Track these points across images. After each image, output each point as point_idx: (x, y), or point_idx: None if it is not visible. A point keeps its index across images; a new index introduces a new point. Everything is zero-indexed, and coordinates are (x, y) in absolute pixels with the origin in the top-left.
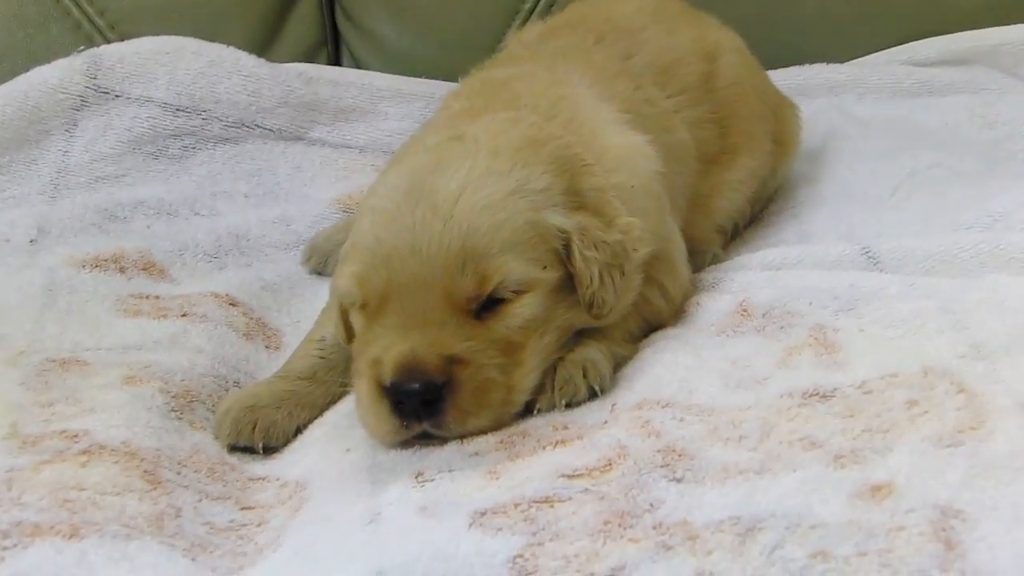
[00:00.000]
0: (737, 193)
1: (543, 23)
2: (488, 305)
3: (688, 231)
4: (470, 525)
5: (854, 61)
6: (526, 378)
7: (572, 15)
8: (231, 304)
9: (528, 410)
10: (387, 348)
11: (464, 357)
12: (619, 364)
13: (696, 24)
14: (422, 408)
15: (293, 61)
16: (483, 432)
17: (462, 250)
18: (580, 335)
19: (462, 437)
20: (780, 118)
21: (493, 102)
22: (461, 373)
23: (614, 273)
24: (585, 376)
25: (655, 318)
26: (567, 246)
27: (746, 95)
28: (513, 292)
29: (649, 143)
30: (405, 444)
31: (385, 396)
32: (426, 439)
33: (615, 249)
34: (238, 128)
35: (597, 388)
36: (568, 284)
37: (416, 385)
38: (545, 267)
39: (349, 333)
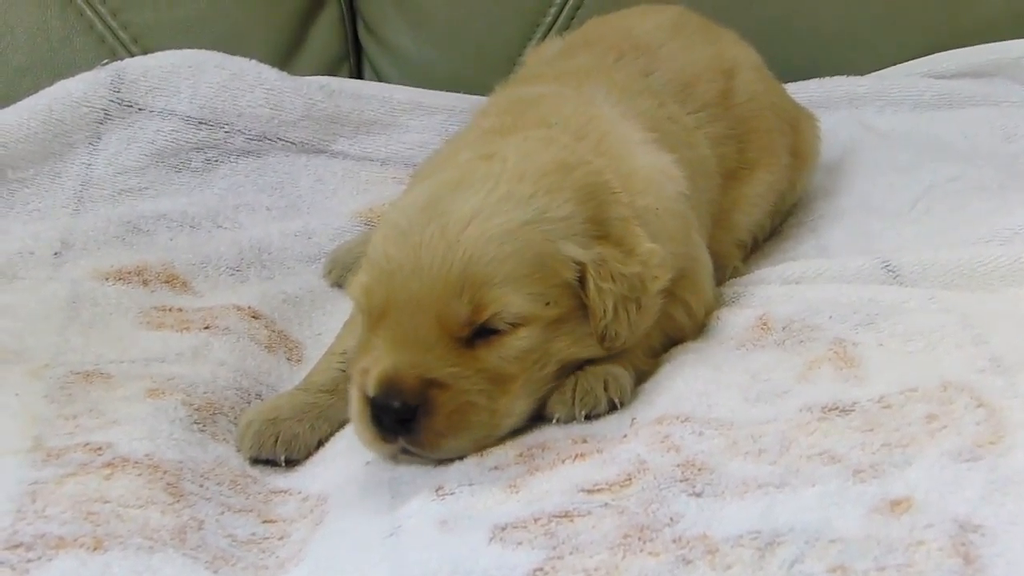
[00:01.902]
0: (756, 207)
1: (561, 39)
2: (482, 333)
3: (710, 246)
4: (490, 539)
5: (874, 74)
6: (513, 404)
7: (590, 32)
8: (253, 317)
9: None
10: (375, 361)
11: (444, 382)
12: (640, 378)
13: (714, 40)
14: (398, 425)
15: (315, 74)
16: (464, 454)
17: (461, 276)
18: None
19: (441, 458)
20: (798, 131)
21: (523, 120)
22: (439, 397)
23: (630, 306)
24: (606, 389)
25: (677, 334)
26: (582, 278)
27: (763, 110)
28: (509, 324)
29: (675, 162)
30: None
31: (361, 404)
32: (407, 454)
33: (632, 282)
34: (260, 141)
35: (617, 401)
36: (577, 316)
37: (393, 403)
38: (548, 303)
39: None
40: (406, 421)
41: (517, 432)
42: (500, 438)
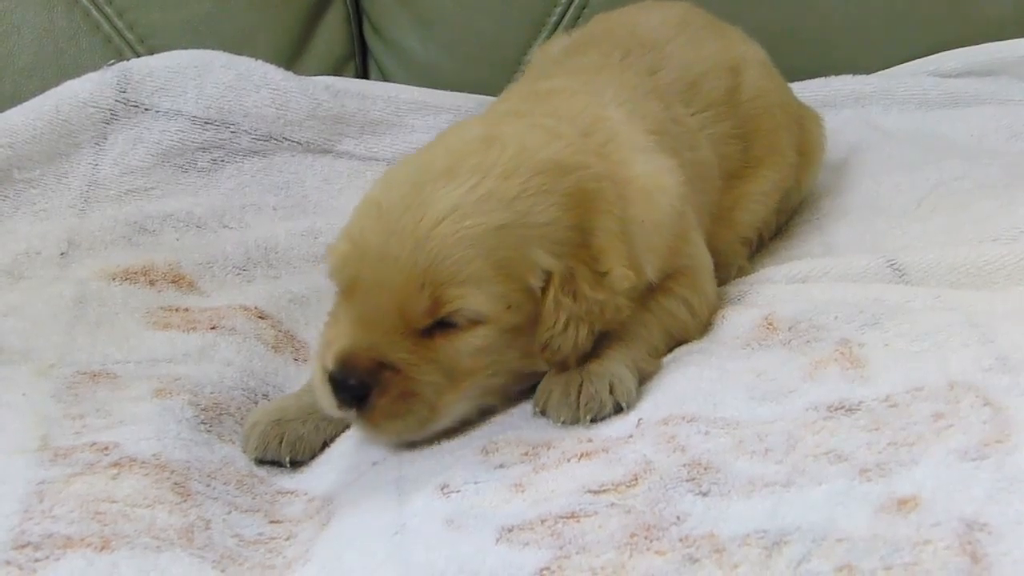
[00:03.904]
0: (760, 205)
1: (568, 35)
2: (442, 325)
3: (712, 244)
4: (497, 540)
5: (880, 72)
6: (456, 404)
7: (596, 29)
8: (260, 317)
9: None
10: (337, 336)
11: (397, 366)
12: (644, 379)
13: (720, 37)
14: (353, 400)
15: (321, 74)
16: (401, 439)
17: (426, 271)
18: (605, 346)
19: (387, 437)
20: (804, 129)
21: (538, 108)
22: (390, 380)
23: (581, 327)
24: (611, 392)
25: (681, 332)
26: (545, 286)
27: (770, 108)
28: (468, 320)
29: (674, 168)
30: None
31: (322, 377)
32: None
33: (592, 307)
34: (266, 141)
35: (624, 404)
36: (533, 327)
37: (349, 380)
38: (510, 306)
39: None
40: (360, 397)
41: (521, 429)
42: (436, 432)
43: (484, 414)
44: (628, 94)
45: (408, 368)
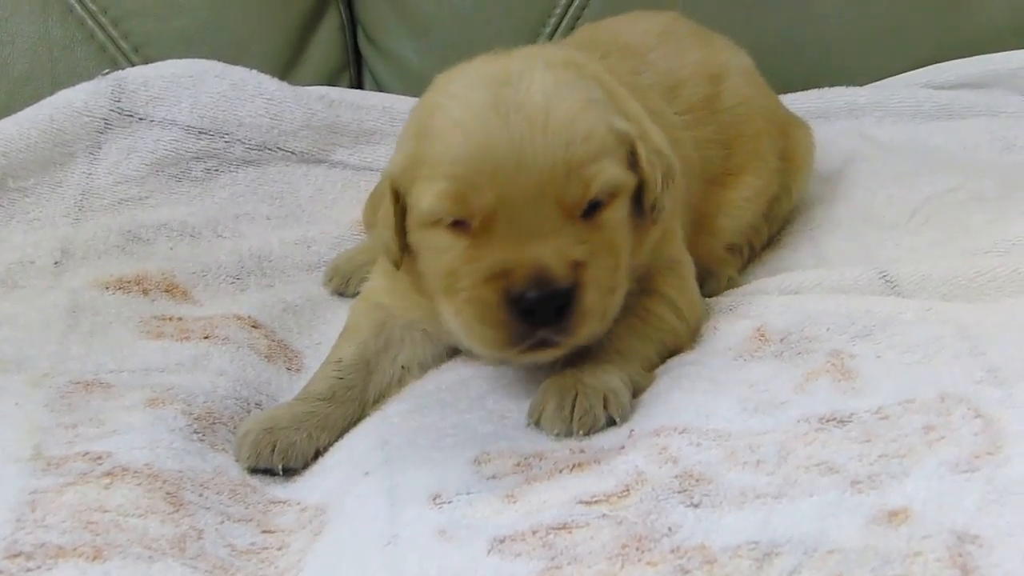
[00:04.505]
0: (743, 211)
1: (555, 45)
2: (588, 211)
3: (694, 251)
4: (489, 551)
5: (874, 84)
6: (623, 288)
7: (581, 37)
8: (253, 326)
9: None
10: (510, 260)
11: (584, 260)
12: (637, 392)
13: (703, 46)
14: (553, 314)
15: (315, 84)
16: (596, 338)
17: (565, 159)
18: (601, 357)
19: (579, 342)
20: (788, 136)
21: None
22: (584, 276)
23: (668, 181)
24: (605, 407)
25: (671, 339)
26: (632, 152)
27: (751, 115)
28: (609, 195)
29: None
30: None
31: (507, 306)
32: (540, 347)
33: (665, 160)
34: (260, 151)
35: (617, 418)
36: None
37: (549, 293)
38: (627, 169)
39: (402, 253)
40: (558, 309)
41: (514, 440)
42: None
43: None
44: (609, 86)
45: (592, 257)
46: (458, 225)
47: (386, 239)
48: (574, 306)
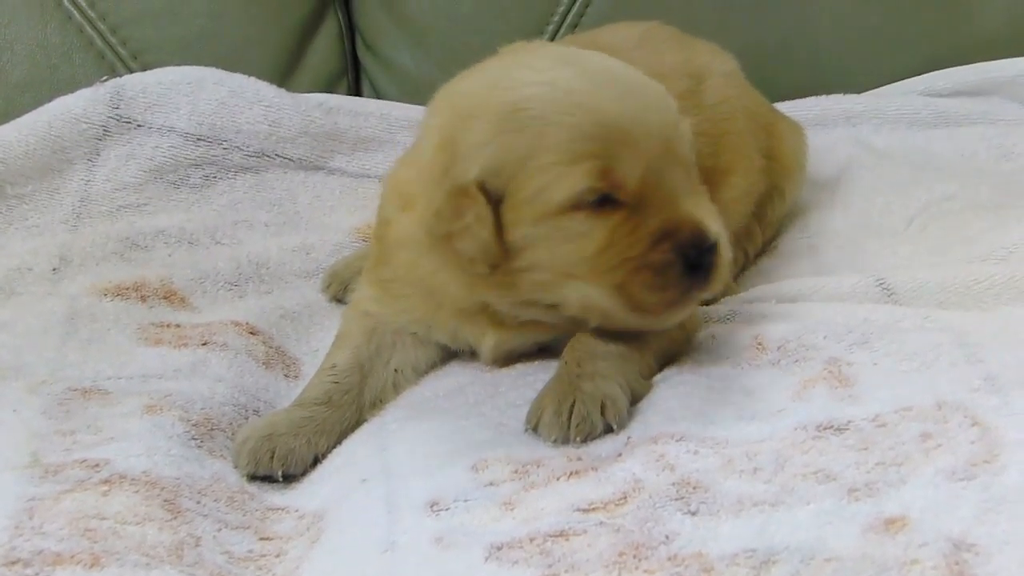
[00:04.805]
0: (735, 212)
1: None
2: None
3: None
4: (486, 558)
5: (871, 92)
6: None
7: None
8: (251, 333)
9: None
10: (671, 220)
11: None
12: (635, 399)
13: (683, 49)
14: (711, 267)
15: (313, 91)
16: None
17: (675, 121)
18: (600, 364)
19: (707, 295)
20: (772, 135)
21: None
22: (719, 236)
23: None
24: (603, 414)
25: (669, 346)
26: None
27: (734, 113)
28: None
29: None
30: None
31: (680, 264)
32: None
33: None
34: (259, 158)
35: (614, 425)
36: None
37: (711, 245)
38: None
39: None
40: (709, 266)
41: (511, 447)
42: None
43: None
44: None
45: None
46: (604, 203)
47: (483, 241)
48: (717, 259)
